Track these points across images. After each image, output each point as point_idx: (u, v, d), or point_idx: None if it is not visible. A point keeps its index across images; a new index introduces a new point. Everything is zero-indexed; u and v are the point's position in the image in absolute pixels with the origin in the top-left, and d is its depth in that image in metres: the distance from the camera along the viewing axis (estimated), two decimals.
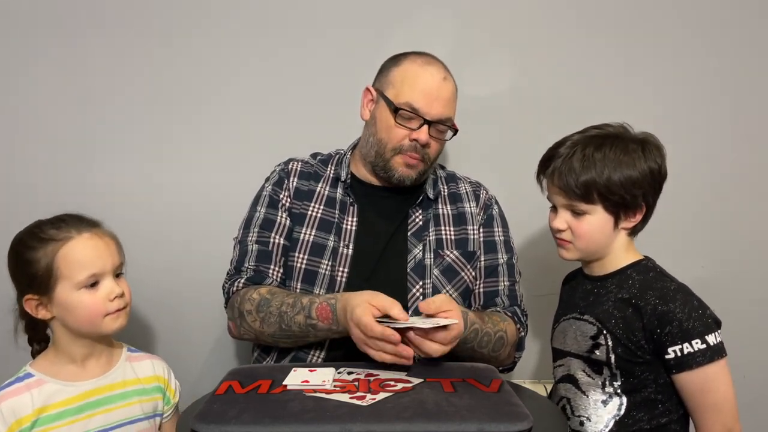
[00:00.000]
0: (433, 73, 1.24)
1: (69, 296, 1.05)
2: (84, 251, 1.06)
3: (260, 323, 1.19)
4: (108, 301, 1.07)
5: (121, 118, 1.58)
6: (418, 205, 1.32)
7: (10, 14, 1.54)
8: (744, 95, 1.62)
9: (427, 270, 1.27)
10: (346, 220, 1.29)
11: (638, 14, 1.60)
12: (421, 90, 1.23)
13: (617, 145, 1.15)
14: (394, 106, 1.23)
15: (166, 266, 1.55)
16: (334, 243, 1.27)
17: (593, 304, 1.20)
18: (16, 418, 1.03)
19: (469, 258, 1.31)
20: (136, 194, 1.57)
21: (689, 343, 1.09)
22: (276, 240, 1.28)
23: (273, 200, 1.31)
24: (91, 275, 1.06)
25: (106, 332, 1.09)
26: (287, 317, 1.16)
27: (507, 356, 1.26)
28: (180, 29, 1.57)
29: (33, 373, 1.08)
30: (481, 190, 1.39)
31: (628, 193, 1.14)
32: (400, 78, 1.25)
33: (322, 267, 1.25)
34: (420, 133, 1.23)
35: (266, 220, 1.29)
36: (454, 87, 1.28)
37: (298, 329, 1.16)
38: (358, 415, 0.87)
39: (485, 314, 1.23)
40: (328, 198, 1.32)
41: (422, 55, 1.28)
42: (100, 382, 1.11)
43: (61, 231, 1.07)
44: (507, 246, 1.35)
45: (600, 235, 1.18)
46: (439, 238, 1.31)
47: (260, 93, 1.60)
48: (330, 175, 1.35)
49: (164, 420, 1.18)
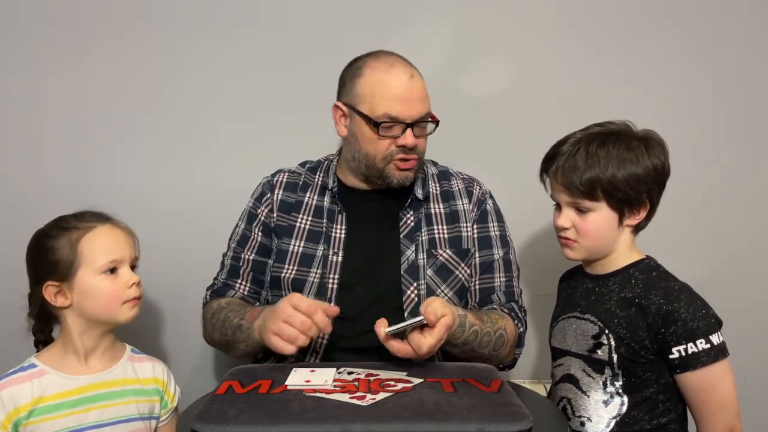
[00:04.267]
0: (399, 75, 1.21)
1: (90, 281, 1.09)
2: (106, 238, 1.12)
3: (211, 329, 1.26)
4: (126, 287, 1.11)
5: (121, 119, 1.58)
6: (408, 207, 1.31)
7: (10, 14, 1.54)
8: (744, 95, 1.62)
9: (420, 271, 1.26)
10: (334, 229, 1.30)
11: (638, 14, 1.60)
12: (394, 97, 1.20)
13: (620, 142, 1.15)
14: (373, 120, 1.21)
15: (165, 266, 1.55)
16: (323, 251, 1.28)
17: (594, 303, 1.20)
18: (15, 406, 1.05)
19: (462, 256, 1.30)
20: (135, 195, 1.57)
21: (694, 342, 1.09)
22: (246, 256, 1.32)
23: (251, 216, 1.35)
24: (112, 261, 1.10)
25: (121, 320, 1.12)
26: (228, 321, 1.21)
27: (507, 354, 1.25)
28: (182, 29, 1.57)
29: (36, 364, 1.10)
30: (474, 185, 1.38)
31: (632, 190, 1.14)
32: (369, 90, 1.22)
33: (311, 275, 1.26)
34: (405, 138, 1.22)
35: (242, 237, 1.34)
36: (422, 80, 1.24)
37: (230, 332, 1.20)
38: (358, 415, 0.87)
39: (483, 313, 1.22)
40: (316, 208, 1.32)
41: (380, 58, 1.24)
42: (100, 377, 1.12)
43: (84, 221, 1.12)
44: (503, 240, 1.34)
45: (604, 233, 1.17)
46: (432, 237, 1.30)
47: (261, 93, 1.60)
48: (318, 183, 1.35)
49: (160, 423, 1.18)
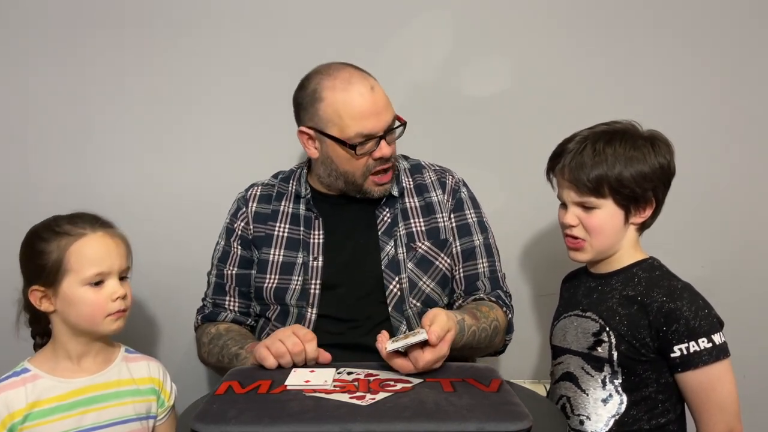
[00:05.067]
0: (361, 91, 1.20)
1: (74, 291, 1.07)
2: (95, 248, 1.09)
3: (207, 354, 1.28)
4: (110, 301, 1.09)
5: (121, 119, 1.59)
6: (383, 205, 1.32)
7: (10, 14, 1.54)
8: (744, 95, 1.62)
9: (401, 264, 1.27)
10: (312, 235, 1.30)
11: (638, 14, 1.60)
12: (361, 115, 1.20)
13: (627, 140, 1.16)
14: (347, 142, 1.21)
15: (164, 266, 1.55)
16: (303, 258, 1.29)
17: (596, 302, 1.20)
18: (9, 411, 1.04)
19: (441, 246, 1.31)
20: (134, 195, 1.58)
21: (695, 341, 1.09)
22: (229, 272, 1.34)
23: (229, 231, 1.36)
24: (98, 273, 1.08)
25: (104, 333, 1.11)
26: (226, 349, 1.22)
27: (499, 342, 1.28)
28: (183, 30, 1.57)
29: (29, 368, 1.09)
30: (446, 176, 1.38)
31: (638, 187, 1.14)
32: (334, 113, 1.21)
33: (293, 282, 1.28)
34: (382, 149, 1.23)
35: (223, 253, 1.36)
36: (380, 87, 1.24)
37: (227, 359, 1.20)
38: (358, 415, 0.87)
39: (476, 309, 1.23)
40: (292, 215, 1.33)
41: (334, 75, 1.22)
42: (95, 379, 1.11)
43: (77, 227, 1.10)
44: (481, 226, 1.35)
45: (611, 230, 1.17)
46: (410, 231, 1.31)
47: (261, 94, 1.60)
48: (292, 192, 1.36)
49: (158, 422, 1.18)
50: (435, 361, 1.02)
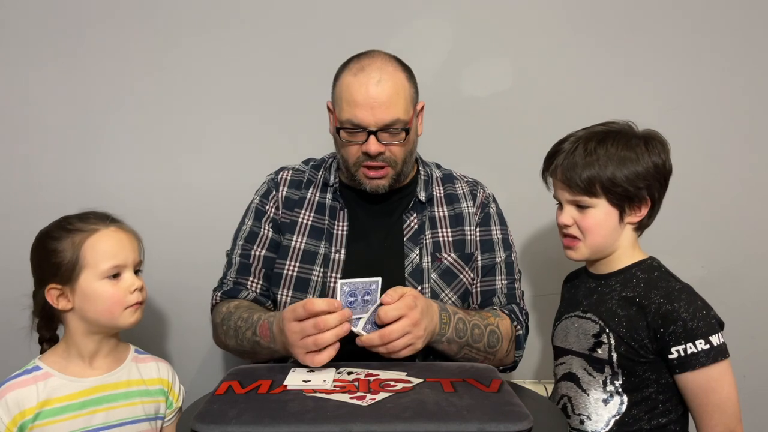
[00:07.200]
0: (364, 81, 1.18)
1: (92, 285, 1.08)
2: (110, 242, 1.10)
3: (224, 336, 1.24)
4: (129, 293, 1.10)
5: (122, 119, 1.59)
6: (411, 209, 1.31)
7: (10, 15, 1.54)
8: (744, 95, 1.62)
9: (425, 274, 1.26)
10: (336, 226, 1.30)
11: (638, 14, 1.60)
12: (355, 102, 1.18)
13: (620, 140, 1.16)
14: (338, 126, 1.22)
15: (166, 266, 1.55)
16: (325, 250, 1.28)
17: (596, 303, 1.20)
18: (20, 409, 1.04)
19: (467, 260, 1.30)
20: (136, 195, 1.58)
21: (693, 343, 1.09)
22: (257, 252, 1.30)
23: (259, 212, 1.33)
24: (115, 266, 1.09)
25: (123, 326, 1.11)
26: (240, 332, 1.19)
27: (506, 354, 1.24)
28: (183, 30, 1.57)
29: (41, 366, 1.09)
30: (478, 188, 1.37)
31: (631, 186, 1.14)
32: (339, 94, 1.22)
33: (314, 274, 1.26)
34: (368, 145, 1.20)
35: (251, 233, 1.32)
36: (393, 87, 1.19)
37: (248, 345, 1.18)
38: (358, 415, 0.87)
39: (471, 310, 1.22)
40: (318, 204, 1.32)
41: (360, 59, 1.22)
42: (105, 379, 1.12)
43: (88, 223, 1.11)
44: (505, 244, 1.34)
45: (605, 230, 1.17)
46: (436, 240, 1.30)
47: (261, 94, 1.60)
48: (320, 180, 1.35)
49: (166, 423, 1.18)
50: (396, 318, 1.03)
